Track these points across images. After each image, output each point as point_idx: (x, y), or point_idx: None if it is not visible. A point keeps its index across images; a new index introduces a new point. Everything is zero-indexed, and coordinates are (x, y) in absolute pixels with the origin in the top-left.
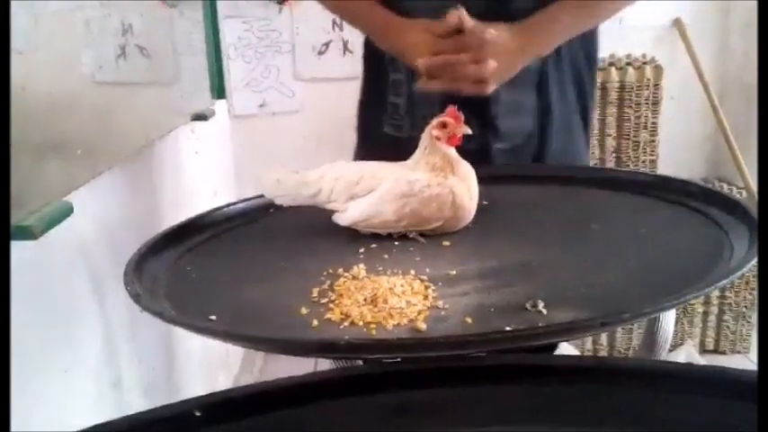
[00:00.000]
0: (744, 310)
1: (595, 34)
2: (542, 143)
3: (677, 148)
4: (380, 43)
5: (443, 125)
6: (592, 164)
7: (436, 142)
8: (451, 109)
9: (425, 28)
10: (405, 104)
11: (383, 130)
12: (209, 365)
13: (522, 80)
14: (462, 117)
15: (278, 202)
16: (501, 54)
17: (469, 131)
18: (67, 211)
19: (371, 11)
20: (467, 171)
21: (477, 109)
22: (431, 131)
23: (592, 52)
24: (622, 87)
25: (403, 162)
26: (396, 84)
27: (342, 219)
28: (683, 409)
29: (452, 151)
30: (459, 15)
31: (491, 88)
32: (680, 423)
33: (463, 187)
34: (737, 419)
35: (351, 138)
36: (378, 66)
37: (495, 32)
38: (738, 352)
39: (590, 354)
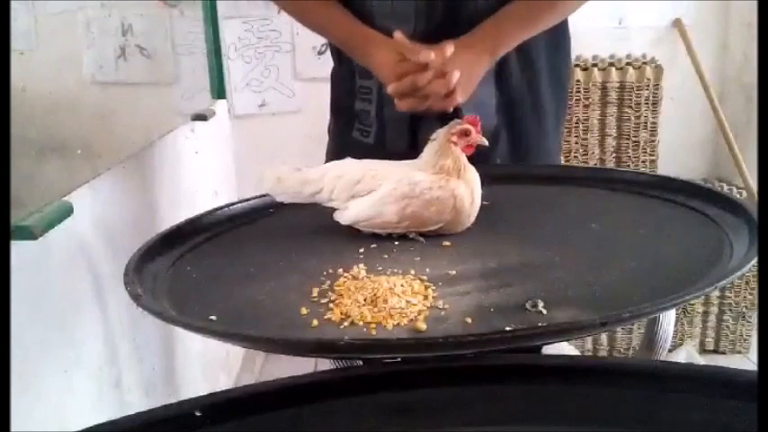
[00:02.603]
0: (744, 310)
1: (565, 26)
2: (513, 140)
3: (677, 148)
4: (350, 55)
5: (466, 133)
6: (591, 164)
7: (451, 146)
8: (472, 118)
9: (391, 46)
10: (374, 111)
11: (352, 136)
12: (210, 365)
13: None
14: (480, 126)
15: (279, 199)
16: (460, 67)
17: (486, 143)
18: (67, 211)
19: (340, 23)
20: (472, 176)
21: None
22: (448, 135)
23: (563, 45)
24: (622, 87)
25: (408, 161)
26: (362, 90)
27: (342, 217)
28: (683, 409)
29: (463, 156)
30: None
31: (459, 101)
32: (680, 423)
33: (466, 191)
34: (737, 419)
35: None
36: (347, 71)
37: (451, 47)
38: (738, 352)
39: (590, 354)
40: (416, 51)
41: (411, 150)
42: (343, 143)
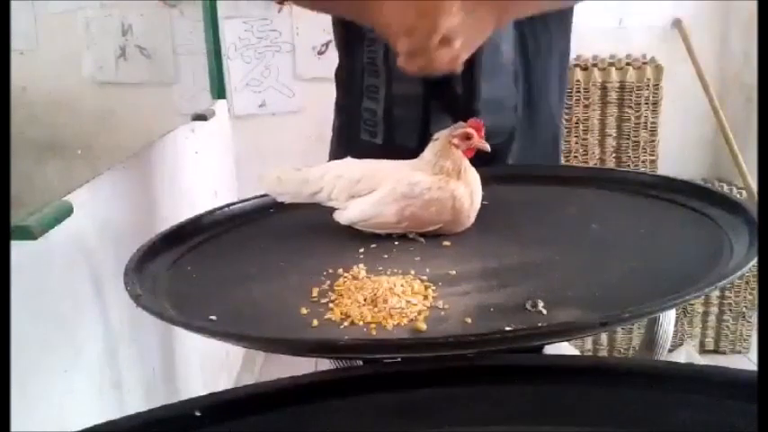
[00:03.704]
0: (744, 310)
1: (569, 29)
2: (527, 140)
3: (677, 148)
4: (352, 15)
5: (467, 136)
6: (591, 164)
7: (452, 147)
8: (475, 122)
9: None
10: (381, 110)
11: (360, 137)
12: (210, 366)
13: (500, 75)
14: (483, 131)
15: (279, 199)
16: (464, 29)
17: (488, 148)
18: (67, 211)
19: None
20: (473, 177)
21: (458, 106)
22: (449, 137)
23: (566, 48)
24: (622, 87)
25: (409, 161)
26: (370, 89)
27: (342, 217)
28: (683, 409)
29: (465, 158)
30: None
31: (461, 61)
32: (680, 423)
33: (465, 192)
34: (737, 419)
35: None
36: (354, 69)
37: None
38: (738, 352)
39: (590, 354)
40: None
41: (422, 149)
42: (349, 144)
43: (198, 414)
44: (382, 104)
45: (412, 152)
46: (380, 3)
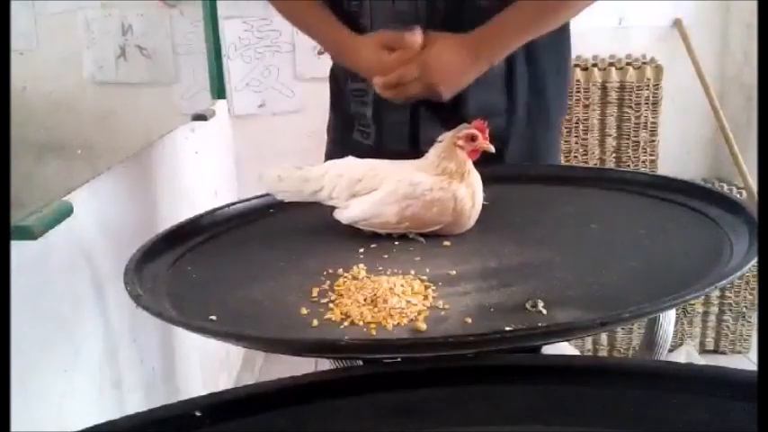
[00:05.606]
0: (744, 310)
1: (567, 31)
2: (522, 143)
3: (677, 148)
4: (336, 60)
5: (472, 138)
6: (591, 164)
7: (456, 149)
8: (480, 123)
9: (377, 43)
10: (371, 113)
11: (353, 137)
12: (210, 366)
13: (490, 81)
14: (488, 132)
15: (279, 198)
16: (448, 69)
17: (493, 150)
18: (67, 211)
19: (326, 28)
20: (475, 179)
21: (447, 111)
22: (454, 138)
23: (564, 50)
24: (622, 87)
25: (412, 161)
26: (357, 92)
27: (343, 216)
28: (683, 409)
29: (468, 161)
30: (409, 36)
31: (443, 99)
32: (680, 423)
33: (467, 193)
34: (737, 419)
35: None
36: (341, 72)
37: (440, 48)
38: (738, 352)
39: (590, 354)
40: (401, 38)
41: (412, 153)
42: (343, 144)
43: (198, 414)
44: (371, 107)
45: (403, 155)
46: (356, 55)
